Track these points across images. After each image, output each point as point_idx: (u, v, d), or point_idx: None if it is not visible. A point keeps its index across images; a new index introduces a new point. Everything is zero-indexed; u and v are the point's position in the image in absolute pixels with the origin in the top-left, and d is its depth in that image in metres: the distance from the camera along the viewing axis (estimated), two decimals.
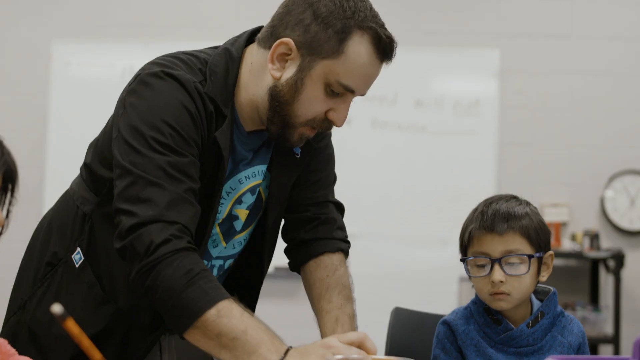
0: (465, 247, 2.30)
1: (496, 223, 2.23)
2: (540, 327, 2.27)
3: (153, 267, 1.88)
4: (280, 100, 2.05)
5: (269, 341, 1.85)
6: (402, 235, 6.06)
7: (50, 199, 5.83)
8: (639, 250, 6.10)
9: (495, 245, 2.23)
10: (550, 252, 2.30)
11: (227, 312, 1.85)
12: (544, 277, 2.30)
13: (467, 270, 2.28)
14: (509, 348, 2.27)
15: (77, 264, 2.15)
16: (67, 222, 2.20)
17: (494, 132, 6.11)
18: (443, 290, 5.94)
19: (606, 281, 6.01)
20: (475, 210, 2.31)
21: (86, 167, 2.20)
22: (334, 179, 2.41)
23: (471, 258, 2.26)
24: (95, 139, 2.20)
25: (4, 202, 1.68)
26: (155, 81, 2.02)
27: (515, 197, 2.33)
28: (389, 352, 2.60)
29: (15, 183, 1.68)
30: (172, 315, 1.89)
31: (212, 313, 1.84)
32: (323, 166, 2.36)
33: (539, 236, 2.26)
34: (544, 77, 6.19)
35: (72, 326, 1.45)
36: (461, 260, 2.30)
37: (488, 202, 2.29)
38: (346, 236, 2.39)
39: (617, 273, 5.73)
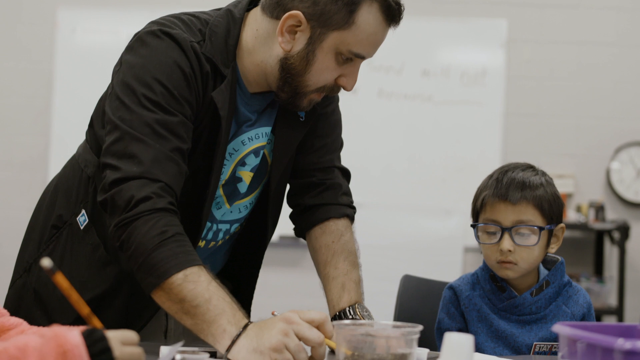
0: (477, 212, 2.30)
1: (510, 192, 2.23)
2: (544, 296, 2.28)
3: (130, 222, 1.89)
4: (292, 72, 2.06)
5: (231, 313, 1.85)
6: (407, 205, 6.06)
7: (55, 166, 5.83)
8: None
9: (507, 214, 2.23)
10: (562, 224, 2.30)
11: (194, 278, 1.86)
12: (552, 249, 2.30)
13: (477, 237, 2.29)
14: (511, 315, 2.29)
15: (81, 226, 2.17)
16: (72, 185, 2.21)
17: (501, 103, 6.09)
18: (447, 260, 5.94)
19: (611, 253, 6.02)
20: (490, 176, 2.30)
21: (90, 128, 2.21)
22: (340, 144, 2.41)
23: (482, 224, 2.27)
24: (98, 102, 2.21)
25: None
26: (152, 39, 2.03)
27: (531, 167, 2.32)
28: (397, 318, 2.61)
29: None
30: (141, 273, 1.90)
31: (178, 277, 1.85)
32: (329, 131, 2.36)
33: (552, 208, 2.26)
34: (551, 48, 6.16)
35: (61, 280, 1.46)
36: (472, 225, 2.31)
37: (504, 170, 2.29)
38: (352, 202, 2.39)
39: (621, 245, 5.73)
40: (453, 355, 1.46)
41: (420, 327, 1.70)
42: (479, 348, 2.28)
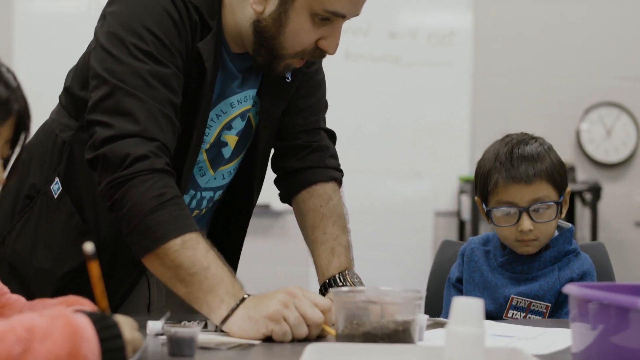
0: (486, 194, 2.29)
1: (522, 172, 2.22)
2: (540, 258, 2.29)
3: (126, 181, 1.81)
4: (265, 35, 1.97)
5: (229, 283, 1.79)
6: (376, 168, 6.01)
7: None
8: (615, 182, 6.09)
9: (523, 194, 2.23)
10: (568, 189, 2.32)
11: (192, 245, 1.79)
12: (562, 213, 2.31)
13: (492, 219, 2.28)
14: (505, 272, 2.30)
15: (55, 194, 2.08)
16: (45, 152, 2.12)
17: (469, 63, 6.05)
18: (418, 224, 5.89)
19: (582, 214, 6.00)
20: (496, 154, 2.28)
21: (66, 91, 2.12)
22: (325, 105, 2.35)
23: (499, 209, 2.26)
24: (76, 64, 2.12)
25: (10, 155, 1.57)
26: None
27: (531, 137, 2.31)
28: (430, 283, 2.55)
29: (29, 132, 1.54)
30: (134, 236, 1.82)
31: (176, 242, 1.78)
32: (314, 91, 2.29)
33: (561, 177, 2.27)
34: (519, 6, 6.11)
35: (94, 268, 1.43)
36: (486, 212, 2.29)
37: (509, 147, 2.27)
38: (339, 164, 2.35)
39: (593, 206, 5.72)
40: (462, 320, 1.39)
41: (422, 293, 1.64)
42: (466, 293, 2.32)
